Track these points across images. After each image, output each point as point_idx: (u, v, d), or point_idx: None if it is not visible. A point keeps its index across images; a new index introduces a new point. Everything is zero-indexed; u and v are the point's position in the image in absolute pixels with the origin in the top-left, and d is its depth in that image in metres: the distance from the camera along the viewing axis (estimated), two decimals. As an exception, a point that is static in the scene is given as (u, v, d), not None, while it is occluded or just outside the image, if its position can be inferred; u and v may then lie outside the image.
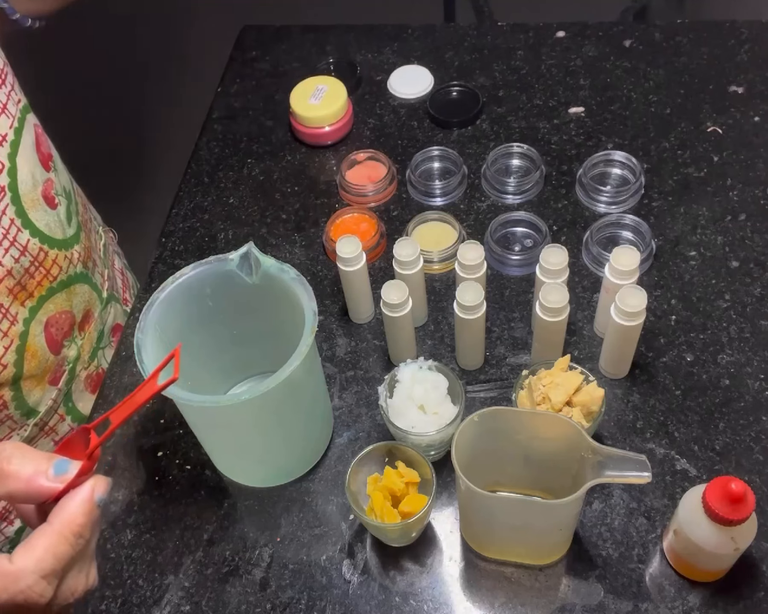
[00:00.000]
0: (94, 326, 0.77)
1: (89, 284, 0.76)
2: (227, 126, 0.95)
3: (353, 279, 0.70)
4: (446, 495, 0.63)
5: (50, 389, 0.72)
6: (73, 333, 0.74)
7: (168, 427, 0.69)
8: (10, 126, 0.65)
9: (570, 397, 0.60)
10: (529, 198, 0.82)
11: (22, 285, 0.66)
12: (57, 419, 0.74)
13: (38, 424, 0.72)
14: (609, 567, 0.58)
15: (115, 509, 0.65)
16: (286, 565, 0.61)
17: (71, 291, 0.72)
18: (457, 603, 0.58)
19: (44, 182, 0.69)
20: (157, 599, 0.60)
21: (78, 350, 0.75)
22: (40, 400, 0.71)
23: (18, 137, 0.66)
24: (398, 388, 0.63)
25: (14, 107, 0.66)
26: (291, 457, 0.65)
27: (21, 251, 0.65)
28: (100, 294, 0.78)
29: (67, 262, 0.71)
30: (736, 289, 0.72)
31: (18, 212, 0.65)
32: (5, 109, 0.64)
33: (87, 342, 0.76)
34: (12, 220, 0.64)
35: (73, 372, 0.75)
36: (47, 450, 0.74)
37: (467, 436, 0.54)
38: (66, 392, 0.74)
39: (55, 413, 0.74)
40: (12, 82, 0.67)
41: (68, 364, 0.74)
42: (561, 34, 0.99)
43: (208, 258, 0.61)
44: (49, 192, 0.69)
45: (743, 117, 0.86)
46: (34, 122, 0.71)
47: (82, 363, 0.76)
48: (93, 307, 0.77)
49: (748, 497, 0.50)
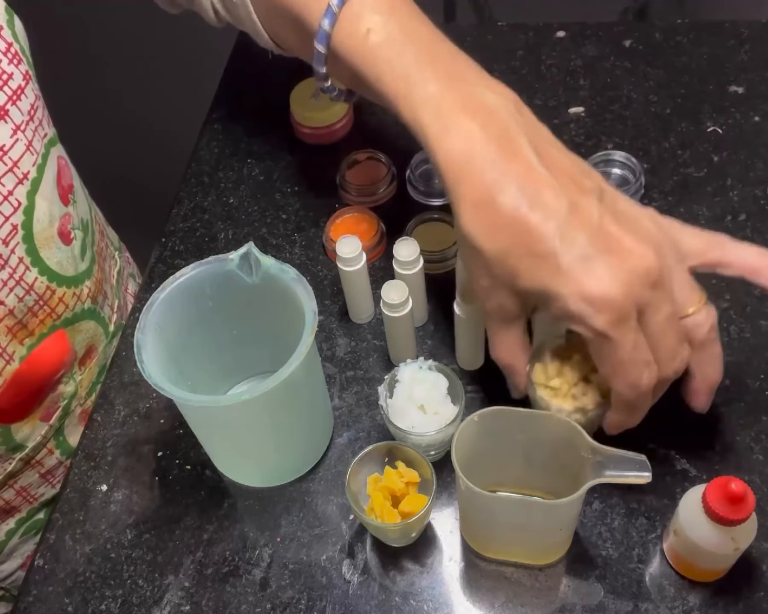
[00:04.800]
0: (96, 361, 0.76)
1: (96, 319, 0.74)
2: (227, 126, 0.94)
3: (353, 279, 0.70)
4: (446, 495, 0.63)
5: (41, 425, 0.70)
6: (72, 370, 0.72)
7: (168, 427, 0.69)
8: (34, 163, 0.63)
9: (586, 374, 0.57)
10: (529, 198, 0.82)
11: (23, 324, 0.64)
12: (45, 453, 0.73)
13: (23, 459, 0.70)
14: (609, 567, 0.58)
15: (115, 509, 0.65)
16: (286, 565, 0.61)
17: (75, 328, 0.71)
18: (457, 603, 0.58)
19: (61, 218, 0.67)
20: (157, 599, 0.60)
21: (76, 386, 0.73)
22: (29, 436, 0.69)
23: (40, 175, 0.64)
24: (398, 388, 0.63)
25: (39, 143, 0.65)
26: (291, 457, 0.65)
27: (26, 290, 0.64)
28: (106, 328, 0.77)
29: (75, 298, 0.70)
30: (736, 288, 0.72)
31: (29, 250, 0.63)
32: (30, 145, 0.63)
33: (86, 378, 0.74)
34: (21, 259, 0.63)
35: (68, 408, 0.73)
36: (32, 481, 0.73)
37: (467, 436, 0.54)
38: (58, 428, 0.73)
39: (43, 447, 0.72)
40: (41, 117, 0.66)
41: (63, 400, 0.72)
42: (561, 34, 0.99)
43: (208, 258, 0.61)
44: (65, 227, 0.68)
45: (743, 117, 0.86)
46: (59, 154, 0.69)
47: (78, 399, 0.74)
48: (97, 342, 0.75)
49: (748, 497, 0.50)
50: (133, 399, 0.71)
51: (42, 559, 0.63)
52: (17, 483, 0.72)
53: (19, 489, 0.73)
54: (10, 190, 0.61)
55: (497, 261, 0.51)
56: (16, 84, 0.62)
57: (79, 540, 0.64)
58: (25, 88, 0.63)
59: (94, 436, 0.69)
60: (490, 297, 0.54)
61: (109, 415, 0.71)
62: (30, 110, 0.64)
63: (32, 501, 0.75)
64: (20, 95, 0.62)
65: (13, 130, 0.61)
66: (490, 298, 0.54)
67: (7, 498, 0.73)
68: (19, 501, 0.74)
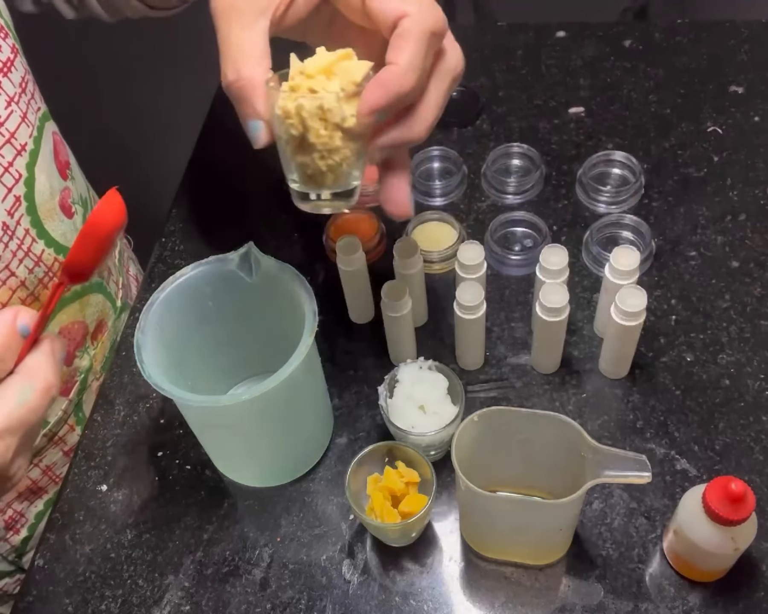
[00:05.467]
0: (107, 336, 0.77)
1: (103, 293, 0.75)
2: (227, 126, 0.94)
3: (353, 279, 0.70)
4: (446, 495, 0.63)
5: (61, 399, 0.71)
6: (85, 344, 0.73)
7: (168, 427, 0.69)
8: (30, 135, 0.64)
9: (329, 68, 0.47)
10: (529, 198, 0.82)
11: (35, 296, 0.65)
12: (67, 429, 0.74)
13: (47, 435, 0.71)
14: (609, 567, 0.58)
15: (115, 509, 0.65)
16: (286, 565, 0.61)
17: (85, 301, 0.72)
18: (457, 603, 0.58)
19: (62, 191, 0.68)
20: (157, 599, 0.60)
21: (90, 360, 0.74)
22: (50, 411, 0.70)
23: (37, 146, 0.65)
24: (398, 388, 0.63)
25: (33, 115, 0.65)
26: (291, 457, 0.65)
27: (35, 261, 0.65)
28: (114, 303, 0.78)
29: None
30: (736, 289, 0.72)
31: (33, 222, 0.64)
32: (25, 117, 0.63)
33: (99, 353, 0.76)
34: (27, 230, 0.63)
35: (85, 382, 0.74)
36: (56, 459, 0.73)
37: (467, 436, 0.54)
38: (77, 402, 0.74)
39: (65, 423, 0.73)
40: (32, 90, 0.67)
41: (80, 375, 0.73)
42: (561, 34, 0.99)
43: (208, 258, 0.61)
44: (66, 201, 0.69)
45: (743, 117, 0.86)
46: (53, 130, 0.70)
47: (94, 374, 0.75)
48: (107, 316, 0.76)
49: (748, 497, 0.50)
50: (133, 399, 0.71)
51: (42, 559, 0.63)
52: (42, 462, 0.73)
53: (44, 469, 0.74)
54: (10, 161, 0.61)
55: None
56: (5, 56, 0.62)
57: (79, 540, 0.64)
58: (14, 60, 0.64)
59: (94, 436, 0.69)
60: None
61: (109, 415, 0.71)
62: (21, 82, 0.64)
63: (57, 481, 0.76)
64: (10, 67, 0.63)
65: (7, 101, 0.62)
66: None
67: (34, 478, 0.74)
68: (46, 481, 0.75)
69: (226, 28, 0.49)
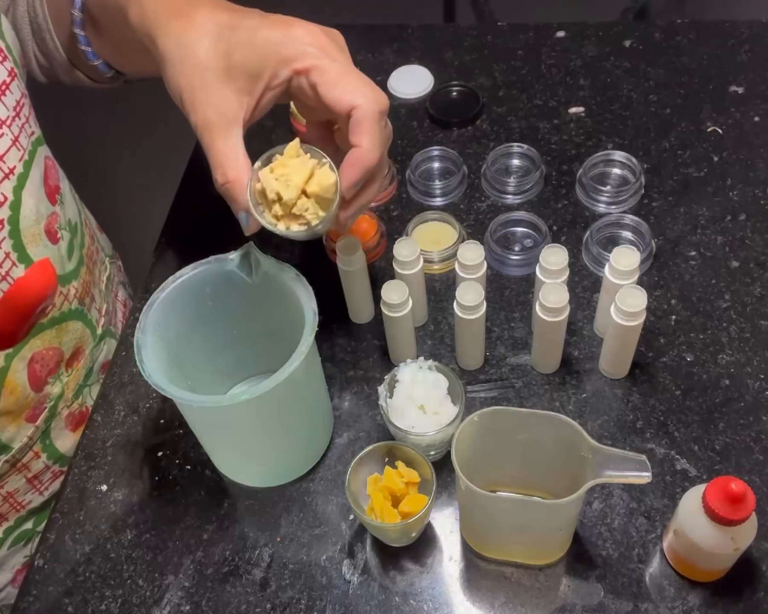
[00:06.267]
0: (83, 364, 0.75)
1: (83, 321, 0.74)
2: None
3: (353, 279, 0.70)
4: (446, 495, 0.63)
5: (26, 426, 0.70)
6: (59, 370, 0.72)
7: (168, 427, 0.69)
8: (20, 159, 0.64)
9: (304, 188, 0.55)
10: (529, 198, 0.82)
11: None
12: (31, 456, 0.72)
13: (10, 461, 0.70)
14: (609, 567, 0.58)
15: (115, 509, 0.65)
16: (286, 565, 0.61)
17: (63, 328, 0.70)
18: (457, 603, 0.58)
19: (48, 216, 0.67)
20: (157, 599, 0.60)
21: (62, 388, 0.73)
22: (14, 437, 0.69)
23: (27, 170, 0.64)
24: (398, 388, 0.63)
25: (26, 140, 0.65)
26: (291, 457, 0.65)
27: None
28: (94, 331, 0.76)
29: (62, 298, 0.69)
30: (736, 289, 0.72)
31: (15, 246, 0.63)
32: (17, 141, 0.63)
33: (73, 380, 0.74)
34: (7, 254, 0.62)
35: (54, 409, 0.72)
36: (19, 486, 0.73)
37: (467, 436, 0.54)
38: (44, 429, 0.72)
39: (30, 450, 0.72)
40: (27, 115, 0.66)
41: (50, 402, 0.71)
42: (561, 34, 0.99)
43: (208, 258, 0.61)
44: (52, 226, 0.68)
45: (743, 117, 0.87)
46: (46, 154, 0.70)
47: (65, 401, 0.74)
48: (85, 344, 0.75)
49: (748, 497, 0.50)
50: (133, 399, 0.71)
51: (42, 559, 0.63)
52: (3, 488, 0.72)
53: (5, 495, 0.72)
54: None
55: None
56: (0, 79, 0.62)
57: (79, 540, 0.64)
58: (10, 84, 0.64)
59: (94, 436, 0.69)
60: (199, 102, 0.56)
61: (109, 415, 0.71)
62: (15, 106, 0.64)
63: (19, 509, 0.74)
64: (5, 90, 0.63)
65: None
66: (199, 103, 0.55)
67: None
68: (6, 508, 0.74)
69: (208, 139, 0.56)
